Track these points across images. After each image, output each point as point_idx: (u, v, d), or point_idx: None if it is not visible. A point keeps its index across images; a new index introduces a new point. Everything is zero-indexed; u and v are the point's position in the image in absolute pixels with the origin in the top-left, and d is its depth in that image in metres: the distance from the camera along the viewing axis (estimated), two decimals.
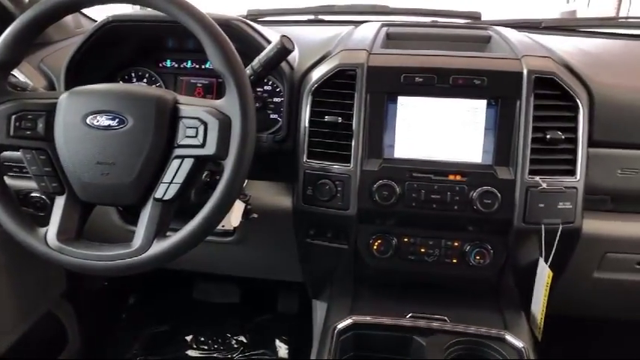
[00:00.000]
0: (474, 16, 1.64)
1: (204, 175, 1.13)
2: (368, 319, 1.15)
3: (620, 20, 1.89)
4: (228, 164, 0.90)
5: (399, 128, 1.16)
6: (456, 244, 1.19)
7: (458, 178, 1.14)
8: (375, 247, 1.21)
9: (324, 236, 1.25)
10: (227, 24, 1.17)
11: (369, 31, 1.38)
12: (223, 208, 0.92)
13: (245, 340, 1.92)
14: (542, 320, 1.19)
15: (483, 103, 1.14)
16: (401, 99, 1.16)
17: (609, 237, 1.20)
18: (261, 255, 1.43)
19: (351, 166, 1.15)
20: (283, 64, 1.20)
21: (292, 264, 1.38)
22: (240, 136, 0.90)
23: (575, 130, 1.12)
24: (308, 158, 1.18)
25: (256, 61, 1.07)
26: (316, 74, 1.19)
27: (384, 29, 1.41)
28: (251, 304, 2.02)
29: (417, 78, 1.14)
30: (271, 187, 1.28)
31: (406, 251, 1.21)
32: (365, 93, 1.15)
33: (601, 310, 1.45)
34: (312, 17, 1.77)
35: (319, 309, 1.45)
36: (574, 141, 1.12)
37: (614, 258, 1.23)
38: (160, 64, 1.38)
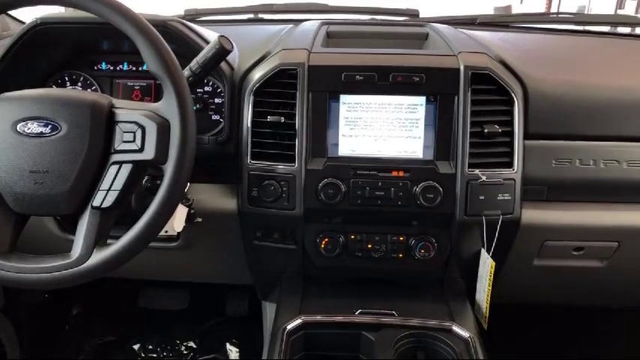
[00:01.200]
0: (412, 14, 1.67)
1: (144, 180, 1.11)
2: (317, 318, 1.15)
3: (551, 16, 1.97)
4: (169, 168, 0.88)
5: (342, 126, 1.17)
6: (402, 238, 1.21)
7: (401, 174, 1.15)
8: (322, 246, 1.21)
9: (271, 237, 1.24)
10: (163, 25, 1.14)
11: (309, 29, 1.38)
12: (165, 213, 0.90)
13: (195, 346, 1.89)
14: (487, 309, 1.22)
15: (422, 99, 1.16)
16: (343, 97, 1.16)
17: (547, 226, 1.24)
18: (207, 259, 1.41)
19: (296, 165, 1.15)
20: (223, 65, 1.18)
21: (240, 267, 1.37)
22: (179, 139, 0.88)
23: (511, 123, 1.16)
24: (252, 159, 1.17)
25: (194, 63, 1.05)
26: (257, 74, 1.18)
27: (324, 28, 1.41)
28: (200, 309, 1.99)
29: (357, 76, 1.14)
30: (215, 189, 1.26)
31: (353, 248, 1.22)
32: (307, 92, 1.15)
33: (543, 296, 1.50)
34: (252, 16, 1.75)
35: (269, 310, 1.44)
36: (510, 134, 1.16)
37: (552, 246, 1.27)
38: (95, 67, 1.34)
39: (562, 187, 1.22)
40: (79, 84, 1.33)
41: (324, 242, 1.21)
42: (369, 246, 1.21)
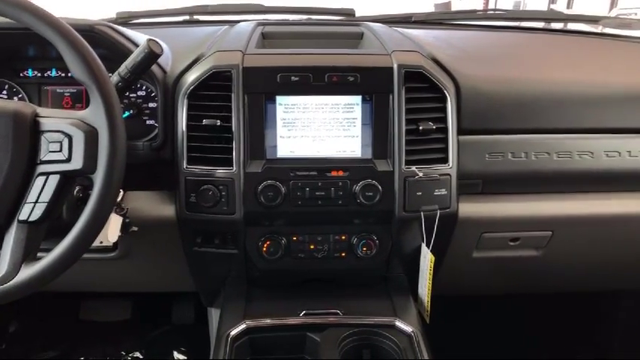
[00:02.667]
0: (348, 13, 1.68)
1: (75, 190, 1.07)
2: (261, 322, 1.14)
3: (484, 13, 2.02)
4: (98, 178, 0.86)
5: (279, 128, 1.16)
6: (344, 237, 1.22)
7: (340, 173, 1.15)
8: (264, 249, 1.20)
9: (212, 243, 1.22)
10: (90, 29, 1.10)
11: (243, 30, 1.36)
12: (96, 224, 0.87)
13: (141, 356, 1.85)
14: (429, 303, 1.24)
15: (358, 98, 1.16)
16: (279, 98, 1.16)
17: (484, 218, 1.27)
18: (148, 268, 1.38)
19: (234, 169, 1.13)
20: (155, 68, 1.16)
21: (182, 274, 1.34)
22: (108, 147, 0.85)
23: (445, 120, 1.18)
24: (188, 164, 1.15)
25: (123, 67, 1.02)
26: (190, 77, 1.16)
27: (260, 28, 1.40)
28: (144, 319, 1.94)
29: (293, 77, 1.14)
30: (152, 196, 1.23)
31: (296, 250, 1.21)
32: (242, 94, 1.13)
33: (483, 287, 1.54)
34: (187, 18, 1.72)
35: (214, 316, 1.42)
36: (445, 130, 1.18)
37: (490, 237, 1.31)
38: (22, 74, 1.28)
39: (496, 180, 1.26)
40: (4, 92, 1.27)
41: (265, 245, 1.20)
42: (312, 247, 1.21)
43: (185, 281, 1.37)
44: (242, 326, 1.12)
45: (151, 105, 1.26)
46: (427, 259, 1.21)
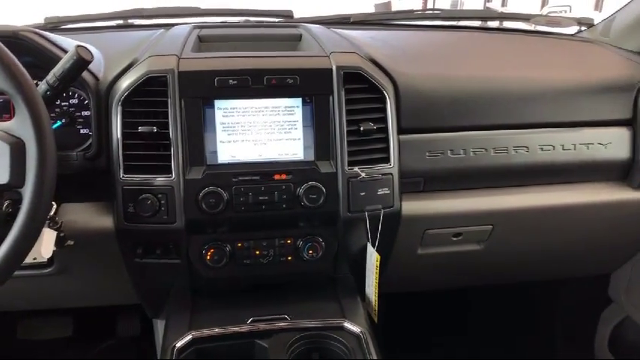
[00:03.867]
0: (286, 15, 1.67)
1: (4, 205, 1.02)
2: (207, 332, 1.11)
3: (425, 12, 2.05)
4: (27, 192, 0.82)
5: (219, 132, 1.14)
6: (289, 241, 1.21)
7: (283, 177, 1.14)
8: (208, 257, 1.17)
9: (154, 253, 1.19)
10: (13, 35, 1.05)
11: (179, 34, 1.33)
12: (27, 240, 0.83)
13: None
14: (377, 302, 1.25)
15: (299, 101, 1.16)
16: (217, 102, 1.13)
17: (426, 215, 1.29)
18: (89, 282, 1.33)
19: (173, 176, 1.10)
20: (86, 75, 1.11)
21: (125, 286, 1.30)
22: (36, 159, 0.82)
23: (385, 120, 1.18)
24: (125, 173, 1.11)
25: (51, 75, 0.98)
26: (124, 83, 1.12)
27: (196, 31, 1.38)
28: (88, 334, 1.87)
29: (230, 80, 1.12)
30: (89, 208, 1.18)
31: (241, 256, 1.19)
32: (179, 99, 1.11)
33: (428, 283, 1.56)
34: (121, 22, 1.67)
35: (160, 328, 1.38)
36: (385, 130, 1.18)
37: (433, 234, 1.32)
38: None
39: (437, 178, 1.27)
40: None
41: (209, 253, 1.17)
42: (257, 252, 1.20)
43: (128, 294, 1.33)
44: (188, 337, 1.10)
45: (84, 113, 1.21)
46: (373, 258, 1.22)
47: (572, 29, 1.72)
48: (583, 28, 1.69)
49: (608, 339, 1.70)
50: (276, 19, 1.65)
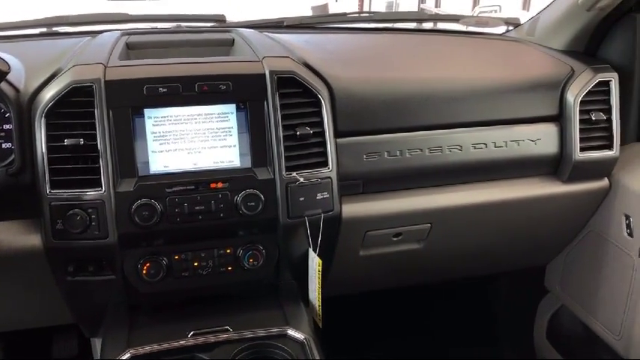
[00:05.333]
0: (219, 19, 1.64)
1: None
2: (146, 348, 1.07)
3: (358, 15, 2.07)
4: None
5: (150, 142, 1.11)
6: (229, 250, 1.18)
7: (220, 185, 1.12)
8: (144, 271, 1.13)
9: (86, 270, 1.14)
10: None
11: (106, 42, 1.29)
12: None
13: None
14: (321, 307, 1.24)
15: (232, 107, 1.14)
16: (147, 111, 1.10)
17: (366, 217, 1.29)
18: (18, 304, 1.26)
19: (103, 190, 1.06)
20: (5, 87, 1.06)
21: (58, 306, 1.23)
22: None
23: (321, 124, 1.18)
24: (52, 188, 1.06)
25: None
26: (47, 94, 1.07)
27: (124, 38, 1.33)
28: (20, 358, 1.78)
29: (160, 88, 1.09)
30: (14, 226, 1.12)
31: (179, 269, 1.16)
32: (106, 110, 1.07)
33: (371, 284, 1.57)
34: (44, 30, 1.60)
35: (98, 348, 1.33)
36: (322, 134, 1.18)
37: (374, 235, 1.33)
38: None
39: (375, 179, 1.28)
40: None
41: (145, 267, 1.13)
42: (196, 264, 1.17)
43: (62, 313, 1.27)
44: (126, 356, 1.06)
45: (5, 127, 1.14)
46: (315, 263, 1.21)
47: (501, 29, 1.77)
48: (510, 27, 1.74)
49: (546, 328, 1.76)
50: (209, 24, 1.62)
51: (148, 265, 1.14)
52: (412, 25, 1.93)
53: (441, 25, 1.95)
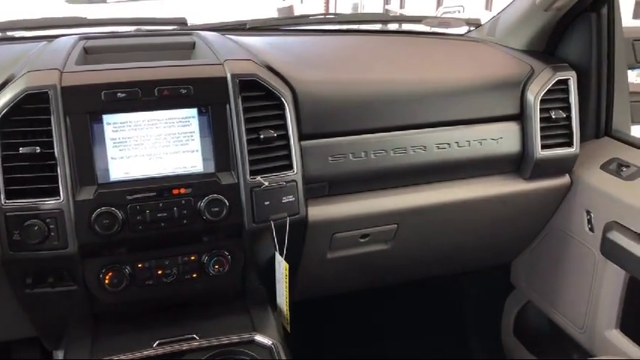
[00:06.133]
0: (180, 22, 1.62)
1: None
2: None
3: (321, 17, 2.06)
4: None
5: (110, 149, 1.08)
6: (193, 257, 1.17)
7: (182, 191, 1.10)
8: (106, 281, 1.11)
9: (46, 282, 1.11)
10: None
11: (62, 46, 1.25)
12: None
13: None
14: (289, 311, 1.23)
15: (194, 111, 1.12)
16: (106, 117, 1.08)
17: (333, 219, 1.29)
18: None
19: (62, 199, 1.03)
20: None
21: (18, 319, 1.20)
22: None
23: (285, 126, 1.17)
24: (7, 199, 1.02)
25: None
26: (0, 102, 1.03)
27: (81, 43, 1.30)
28: None
29: (119, 94, 1.07)
30: None
31: (142, 278, 1.14)
32: (63, 116, 1.04)
33: (340, 287, 1.57)
34: None
35: None
36: (286, 137, 1.17)
37: (341, 237, 1.33)
38: None
39: (341, 181, 1.28)
40: None
41: (108, 277, 1.11)
42: (160, 272, 1.15)
43: (23, 326, 1.23)
44: None
45: None
46: (282, 267, 1.20)
47: (462, 29, 1.79)
48: (472, 28, 1.76)
49: (513, 325, 1.78)
50: (169, 28, 1.60)
51: (110, 274, 1.11)
52: (376, 27, 1.94)
53: (404, 27, 1.96)
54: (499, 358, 1.85)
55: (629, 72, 1.60)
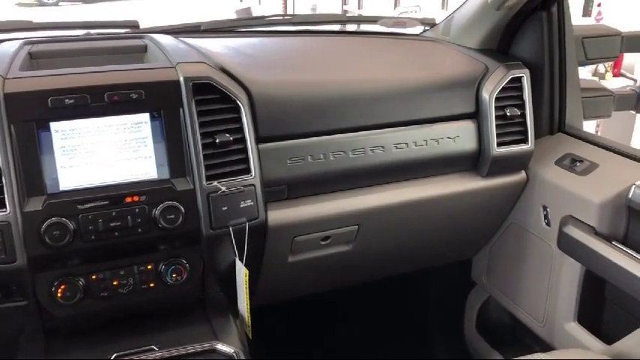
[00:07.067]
0: (132, 25, 1.57)
1: None
2: None
3: (277, 18, 2.04)
4: None
5: (59, 157, 1.04)
6: (150, 267, 1.13)
7: (136, 199, 1.07)
8: (59, 294, 1.07)
9: None
10: None
11: (5, 52, 1.20)
12: None
13: None
14: (250, 318, 1.21)
15: (146, 116, 1.09)
16: (54, 125, 1.04)
17: (293, 223, 1.27)
18: None
19: (9, 210, 0.99)
20: None
21: None
22: None
23: (241, 130, 1.15)
24: None
25: None
26: None
27: (26, 48, 1.25)
28: None
29: (67, 100, 1.03)
30: None
31: (97, 289, 1.10)
32: (7, 125, 1.00)
33: (302, 290, 1.56)
34: None
35: None
36: (243, 141, 1.15)
37: (302, 240, 1.31)
38: None
39: (300, 184, 1.26)
40: None
41: (60, 290, 1.07)
42: (115, 283, 1.11)
43: None
44: None
45: None
46: (242, 273, 1.18)
47: (418, 29, 1.80)
48: (427, 27, 1.77)
49: (475, 320, 1.80)
50: (121, 31, 1.56)
51: (62, 287, 1.07)
52: (333, 28, 1.93)
53: (360, 27, 1.96)
54: (463, 354, 1.87)
55: (581, 69, 1.64)
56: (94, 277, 1.10)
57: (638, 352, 1.20)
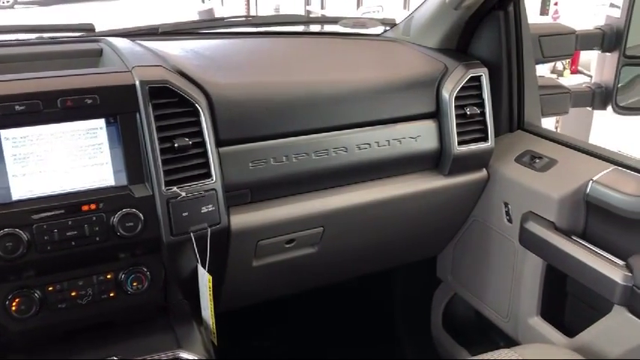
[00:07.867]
0: (87, 28, 1.53)
1: None
2: None
3: (237, 20, 2.02)
4: None
5: (10, 166, 1.01)
6: (109, 276, 1.11)
7: (93, 207, 1.04)
8: (13, 308, 1.03)
9: None
10: None
11: None
12: None
13: None
14: (214, 324, 1.19)
15: (102, 122, 1.06)
16: (4, 132, 1.00)
17: (257, 227, 1.26)
18: None
19: None
20: None
21: None
22: None
23: (201, 133, 1.13)
24: None
25: None
26: None
27: None
28: None
29: (17, 106, 0.99)
30: None
31: (54, 301, 1.07)
32: None
33: (268, 293, 1.54)
34: None
35: None
36: (203, 144, 1.13)
37: (266, 244, 1.30)
38: None
39: (263, 187, 1.25)
40: None
41: (15, 303, 1.03)
42: (73, 293, 1.08)
43: None
44: None
45: None
46: (205, 279, 1.16)
47: (378, 29, 1.80)
48: (387, 27, 1.78)
49: (442, 317, 1.82)
50: (76, 34, 1.51)
51: (17, 300, 1.03)
52: (294, 29, 1.92)
53: (320, 28, 1.96)
54: (430, 352, 1.88)
55: (541, 66, 1.67)
56: (50, 288, 1.07)
57: (599, 344, 1.23)
